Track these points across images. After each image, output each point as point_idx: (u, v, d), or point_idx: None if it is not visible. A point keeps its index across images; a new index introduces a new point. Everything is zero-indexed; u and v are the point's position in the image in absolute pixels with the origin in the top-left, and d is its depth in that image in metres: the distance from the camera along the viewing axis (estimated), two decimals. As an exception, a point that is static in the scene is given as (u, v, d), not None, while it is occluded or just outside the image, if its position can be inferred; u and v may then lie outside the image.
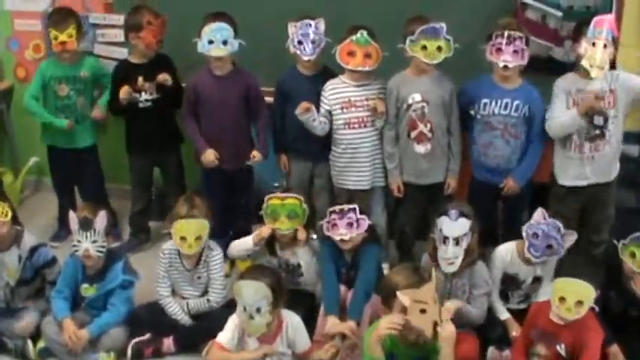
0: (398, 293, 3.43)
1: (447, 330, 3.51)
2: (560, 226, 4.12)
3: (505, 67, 4.40)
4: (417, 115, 4.57)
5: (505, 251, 4.35)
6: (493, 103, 4.54)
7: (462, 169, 4.79)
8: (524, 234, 4.19)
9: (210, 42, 4.64)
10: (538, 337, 3.90)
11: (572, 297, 3.67)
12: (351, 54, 4.54)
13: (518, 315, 4.26)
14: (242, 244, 4.54)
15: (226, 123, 4.90)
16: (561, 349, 3.82)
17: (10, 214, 4.40)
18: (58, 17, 5.12)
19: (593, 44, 4.28)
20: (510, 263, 4.33)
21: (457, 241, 4.05)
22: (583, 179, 4.57)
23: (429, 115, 4.57)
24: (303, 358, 3.96)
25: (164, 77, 4.98)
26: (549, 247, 4.14)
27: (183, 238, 4.32)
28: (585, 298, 3.67)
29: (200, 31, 4.65)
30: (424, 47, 4.43)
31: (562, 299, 3.69)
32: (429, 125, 4.58)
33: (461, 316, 4.05)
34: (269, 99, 4.99)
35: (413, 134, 4.63)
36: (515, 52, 4.37)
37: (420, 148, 4.62)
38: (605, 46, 4.27)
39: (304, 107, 4.57)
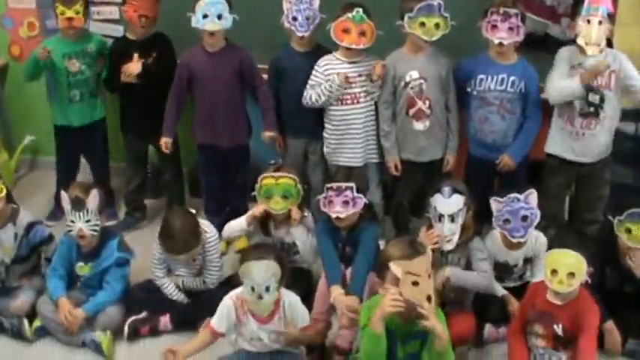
0: (390, 264, 3.41)
1: (431, 316, 3.37)
2: (517, 195, 4.12)
3: (500, 43, 4.39)
4: (415, 93, 4.56)
5: (491, 242, 4.35)
6: (489, 79, 4.55)
7: (459, 146, 4.80)
8: (497, 228, 4.20)
9: (205, 16, 4.61)
10: (535, 317, 3.91)
11: (564, 269, 3.66)
12: (345, 31, 4.52)
13: (514, 292, 4.26)
14: (235, 226, 4.52)
15: (220, 100, 4.88)
16: (558, 328, 3.82)
17: (4, 191, 4.37)
18: None
19: (588, 21, 4.27)
20: (498, 251, 4.34)
21: (452, 218, 4.06)
22: (570, 153, 4.59)
23: (427, 92, 4.57)
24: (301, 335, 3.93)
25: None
26: (524, 219, 4.13)
27: None
28: (577, 269, 3.66)
29: (194, 5, 4.62)
30: (422, 24, 4.42)
31: (554, 272, 3.68)
32: (427, 102, 4.58)
33: (459, 279, 4.09)
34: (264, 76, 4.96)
35: (411, 112, 4.63)
36: (510, 28, 4.36)
37: (419, 125, 4.63)
38: (600, 22, 4.25)
39: (344, 78, 4.56)
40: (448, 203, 4.06)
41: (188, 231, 4.23)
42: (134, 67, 5.00)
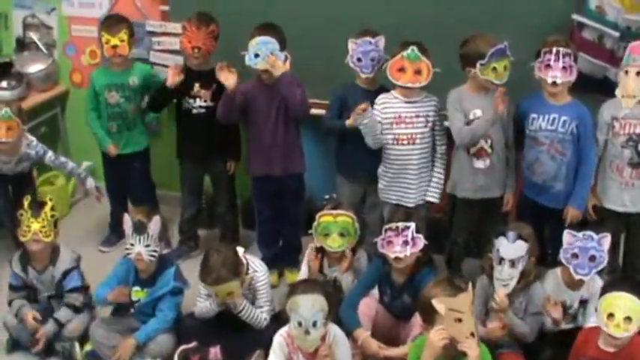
0: (433, 301, 3.42)
1: (473, 353, 3.42)
2: (592, 234, 4.08)
3: (554, 83, 4.35)
4: None
5: (552, 278, 4.30)
6: (540, 118, 4.51)
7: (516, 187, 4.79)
8: (563, 261, 4.14)
9: (257, 55, 4.68)
10: None
11: (621, 313, 3.60)
12: (401, 70, 4.51)
13: (566, 334, 4.20)
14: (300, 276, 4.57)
15: (272, 128, 4.90)
16: None
17: (51, 236, 4.46)
18: (111, 22, 5.20)
19: (626, 72, 4.25)
20: (557, 291, 4.27)
21: (513, 263, 4.01)
22: (620, 205, 4.55)
23: (489, 130, 4.55)
24: None
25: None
26: (592, 259, 4.08)
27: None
28: (634, 313, 3.60)
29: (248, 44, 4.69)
30: (494, 69, 4.41)
31: (610, 315, 3.62)
32: (489, 141, 4.56)
33: (512, 324, 4.05)
34: (322, 111, 5.00)
35: (473, 150, 4.60)
36: (564, 68, 4.33)
37: (480, 164, 4.60)
38: (638, 73, 4.24)
39: (362, 108, 4.50)
40: (511, 248, 4.01)
41: (224, 266, 4.17)
42: (174, 76, 5.09)
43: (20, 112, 5.04)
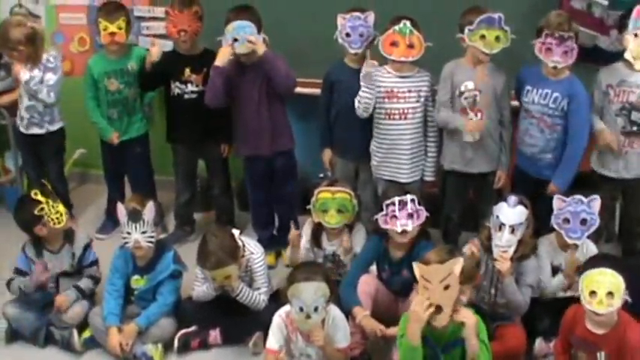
0: (414, 264, 3.43)
1: (470, 321, 3.45)
2: (582, 197, 4.10)
3: (554, 67, 4.37)
4: (468, 103, 4.51)
5: (548, 242, 4.34)
6: (534, 91, 4.53)
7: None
8: (555, 226, 4.17)
9: (235, 40, 4.66)
10: (577, 345, 3.83)
11: (603, 289, 3.56)
12: (394, 44, 4.52)
13: (563, 304, 4.17)
14: (301, 251, 4.55)
15: (256, 108, 4.90)
16: (601, 356, 3.74)
17: (64, 221, 4.48)
18: (109, 8, 5.18)
19: (636, 35, 4.24)
20: (553, 254, 4.32)
21: (512, 229, 4.01)
22: (615, 172, 4.57)
23: (480, 104, 4.52)
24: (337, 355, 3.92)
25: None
26: (583, 222, 4.11)
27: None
28: (615, 288, 3.56)
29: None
30: (483, 37, 4.40)
31: (592, 293, 3.58)
32: (479, 115, 4.53)
33: (509, 288, 4.07)
34: (315, 90, 5.00)
35: None
36: (565, 52, 4.32)
37: (468, 137, 4.58)
38: None
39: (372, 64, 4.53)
40: (512, 213, 4.01)
41: (222, 249, 4.17)
42: (155, 52, 5.15)
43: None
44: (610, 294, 3.56)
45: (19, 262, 4.57)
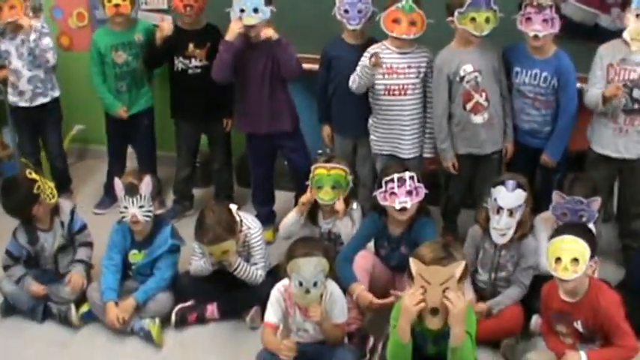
0: (411, 259, 3.40)
1: (457, 307, 3.32)
2: (581, 198, 4.09)
3: (535, 36, 4.34)
4: (471, 86, 4.52)
5: (545, 220, 4.33)
6: (524, 73, 4.52)
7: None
8: (553, 217, 4.19)
9: (242, 10, 4.63)
10: (555, 319, 3.84)
11: (567, 255, 3.57)
12: (395, 21, 4.50)
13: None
14: (289, 220, 4.51)
15: (258, 85, 4.88)
16: (578, 325, 3.75)
17: (56, 194, 4.49)
18: None
19: (637, 16, 4.20)
20: (551, 231, 4.29)
21: (511, 212, 4.00)
22: (614, 151, 4.55)
23: (482, 84, 4.52)
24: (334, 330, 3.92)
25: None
26: (581, 218, 4.12)
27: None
28: (580, 255, 3.56)
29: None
30: (473, 19, 4.38)
31: (558, 260, 3.59)
32: (483, 95, 4.53)
33: (499, 304, 4.10)
34: (314, 66, 4.97)
35: (469, 106, 4.58)
36: (544, 20, 4.30)
37: (478, 119, 4.57)
38: None
39: (377, 60, 4.48)
40: (510, 197, 4.00)
41: (219, 224, 4.16)
42: (167, 26, 5.13)
43: None
44: (575, 260, 3.57)
45: (11, 247, 4.55)
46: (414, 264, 3.35)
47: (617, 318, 3.67)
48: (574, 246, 3.59)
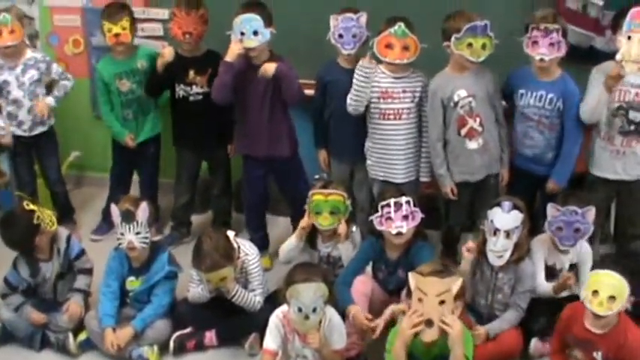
0: (410, 274, 3.41)
1: (455, 328, 3.42)
2: (576, 208, 4.10)
3: (542, 59, 4.34)
4: (465, 111, 4.52)
5: (542, 242, 4.33)
6: (528, 95, 4.52)
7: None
8: (548, 232, 4.20)
9: (242, 33, 4.64)
10: (574, 343, 3.84)
11: (605, 291, 3.57)
12: (388, 46, 4.50)
13: (559, 303, 4.16)
14: (288, 246, 4.52)
15: (258, 108, 4.88)
16: (598, 355, 3.75)
17: (55, 221, 4.49)
18: (111, 10, 5.16)
19: (629, 38, 4.20)
20: (548, 254, 4.32)
21: (508, 234, 4.00)
22: (613, 173, 4.55)
23: (476, 109, 4.53)
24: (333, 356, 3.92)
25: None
26: (577, 230, 4.13)
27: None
28: (618, 293, 3.56)
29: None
30: (470, 45, 4.38)
31: (595, 292, 3.59)
32: (477, 120, 4.54)
33: (495, 329, 4.09)
34: (309, 91, 4.97)
35: (463, 131, 4.58)
36: (551, 44, 4.31)
37: (473, 144, 4.58)
38: None
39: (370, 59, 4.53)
40: (506, 218, 4.00)
41: (217, 251, 4.16)
42: (168, 52, 5.12)
43: (20, 17, 5.21)
44: (612, 297, 3.57)
45: (10, 277, 4.53)
46: (412, 277, 3.44)
47: None
48: (614, 282, 3.59)
